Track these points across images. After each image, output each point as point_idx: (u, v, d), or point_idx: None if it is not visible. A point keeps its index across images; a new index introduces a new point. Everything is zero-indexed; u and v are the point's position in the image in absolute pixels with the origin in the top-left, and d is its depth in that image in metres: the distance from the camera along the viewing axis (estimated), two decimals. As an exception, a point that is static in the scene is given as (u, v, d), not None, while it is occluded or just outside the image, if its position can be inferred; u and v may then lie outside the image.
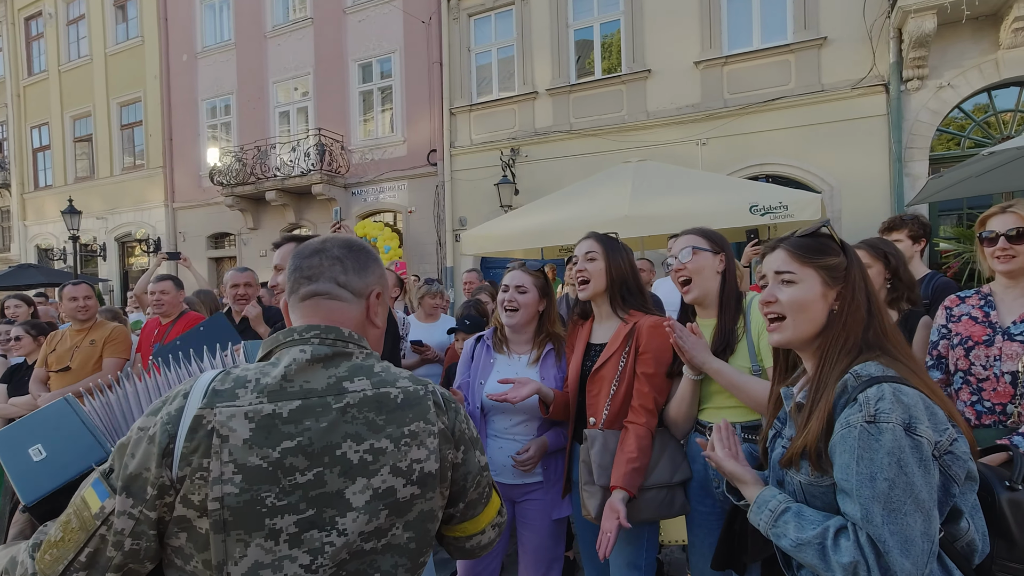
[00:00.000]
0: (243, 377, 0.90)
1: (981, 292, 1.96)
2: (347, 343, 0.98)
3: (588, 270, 2.03)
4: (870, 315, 1.17)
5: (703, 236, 1.91)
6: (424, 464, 0.95)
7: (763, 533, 1.16)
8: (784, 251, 1.24)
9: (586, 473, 1.86)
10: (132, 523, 0.83)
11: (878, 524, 0.95)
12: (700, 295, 1.88)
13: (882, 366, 1.09)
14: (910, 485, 0.96)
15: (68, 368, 3.51)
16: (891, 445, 0.97)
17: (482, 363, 2.29)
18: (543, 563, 2.14)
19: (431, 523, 0.98)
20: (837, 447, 1.05)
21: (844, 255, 1.22)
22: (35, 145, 16.47)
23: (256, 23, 12.58)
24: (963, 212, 7.28)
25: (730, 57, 8.31)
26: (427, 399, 0.99)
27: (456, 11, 10.34)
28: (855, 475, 1.00)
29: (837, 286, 1.19)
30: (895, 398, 1.00)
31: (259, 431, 0.86)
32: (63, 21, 15.52)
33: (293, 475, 0.86)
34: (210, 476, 0.82)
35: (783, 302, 1.22)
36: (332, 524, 0.87)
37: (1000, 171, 4.40)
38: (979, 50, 7.00)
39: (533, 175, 9.58)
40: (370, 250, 1.09)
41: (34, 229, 16.41)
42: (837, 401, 1.09)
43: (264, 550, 0.84)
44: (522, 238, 6.03)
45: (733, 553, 1.40)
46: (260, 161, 11.58)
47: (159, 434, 0.85)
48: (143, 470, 0.84)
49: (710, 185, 5.78)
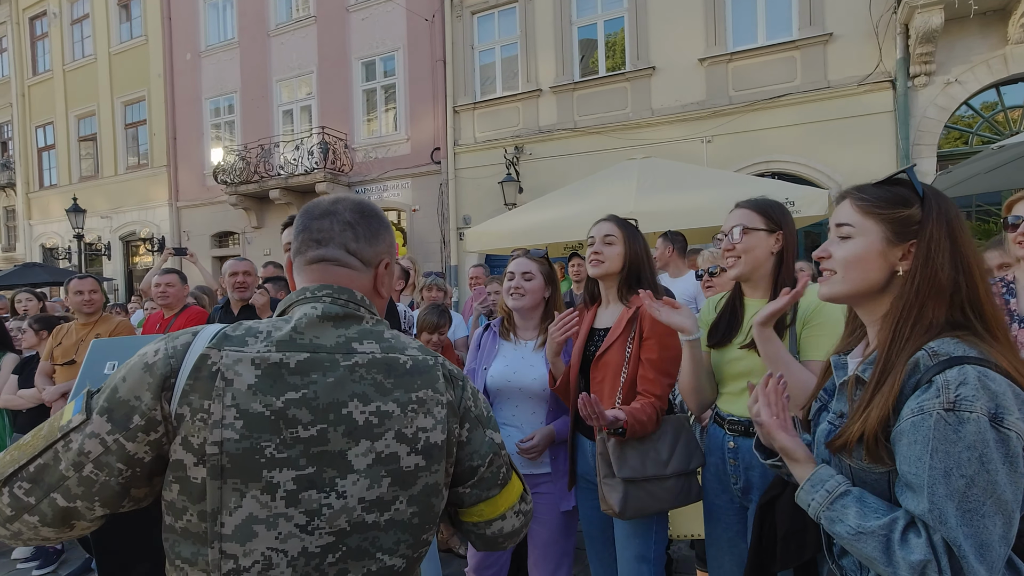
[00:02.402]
0: (255, 328, 0.88)
1: (1005, 280, 1.93)
2: (359, 306, 0.96)
3: (604, 252, 1.98)
4: (957, 284, 0.97)
5: (758, 212, 1.70)
6: (430, 434, 0.92)
7: (812, 515, 1.03)
8: (849, 200, 1.08)
9: (604, 466, 1.79)
10: (101, 449, 0.79)
11: (952, 526, 0.85)
12: (746, 271, 1.70)
13: (965, 344, 0.92)
14: (992, 484, 0.84)
15: (73, 362, 3.51)
16: (973, 438, 0.84)
17: (487, 349, 2.28)
18: (553, 558, 2.10)
19: (435, 498, 0.95)
20: (905, 435, 0.91)
21: (921, 207, 1.01)
22: (40, 144, 16.51)
23: (259, 22, 12.59)
24: (972, 209, 7.22)
25: (735, 54, 8.27)
26: (436, 369, 0.97)
27: (459, 9, 10.33)
28: (927, 469, 0.87)
29: (905, 243, 1.01)
30: (980, 383, 0.86)
31: (264, 378, 0.83)
32: (67, 20, 15.56)
33: (295, 428, 0.83)
34: (211, 419, 0.80)
35: (836, 258, 1.06)
36: (332, 485, 0.85)
37: (1009, 167, 4.36)
38: (987, 45, 6.94)
39: (537, 173, 9.56)
40: (381, 215, 1.06)
41: (39, 228, 16.46)
42: (907, 381, 0.93)
43: (260, 503, 0.81)
44: (526, 235, 6.01)
45: (763, 563, 1.30)
46: (264, 160, 11.58)
47: (160, 364, 0.82)
48: (132, 398, 0.81)
49: (716, 181, 5.75)
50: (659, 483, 1.77)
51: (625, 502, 1.72)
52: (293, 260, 1.03)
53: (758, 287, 1.73)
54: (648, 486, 1.76)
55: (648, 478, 1.75)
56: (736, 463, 1.72)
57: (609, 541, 2.02)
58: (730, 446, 1.73)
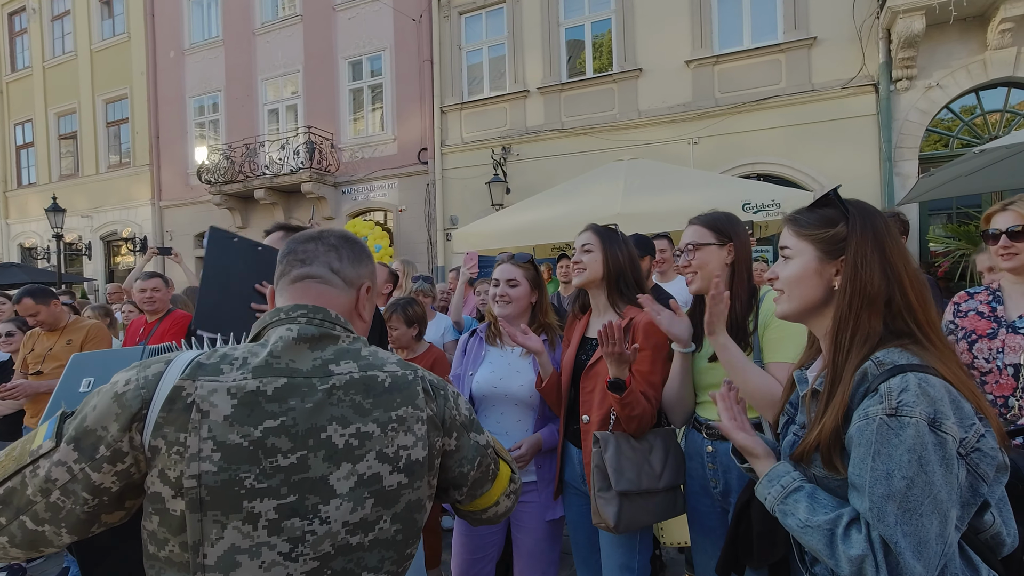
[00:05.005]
0: (230, 355, 0.87)
1: (991, 288, 1.97)
2: (334, 325, 0.95)
3: (583, 261, 1.99)
4: (890, 294, 1.02)
5: (707, 227, 1.77)
6: (412, 451, 0.92)
7: (769, 509, 1.10)
8: (787, 225, 1.18)
9: (600, 479, 1.75)
10: (68, 477, 0.78)
11: (891, 524, 0.89)
12: (704, 285, 1.75)
13: (908, 353, 0.98)
14: (930, 485, 0.89)
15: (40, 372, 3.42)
16: (913, 441, 0.89)
17: (474, 355, 2.26)
18: (539, 567, 2.09)
19: (419, 513, 0.95)
20: (853, 439, 0.97)
21: (847, 225, 1.08)
22: (18, 142, 16.18)
23: (245, 20, 12.45)
24: (952, 211, 7.34)
25: (721, 56, 8.33)
26: (416, 384, 0.96)
27: (447, 9, 10.29)
28: (869, 471, 0.92)
29: (837, 259, 1.08)
30: (920, 390, 0.91)
31: (241, 408, 0.82)
32: (47, 16, 15.27)
33: (274, 457, 0.82)
34: (187, 452, 0.78)
35: (781, 279, 1.16)
36: (315, 512, 0.83)
37: (989, 170, 4.43)
38: (967, 51, 7.06)
39: (524, 174, 9.55)
40: (364, 246, 1.10)
41: (17, 228, 16.13)
42: (856, 390, 0.99)
43: (242, 534, 0.80)
44: (514, 236, 6.00)
45: (738, 557, 1.34)
46: (249, 159, 11.45)
47: (130, 396, 0.81)
48: (99, 427, 0.79)
49: (703, 183, 5.79)
50: (651, 497, 1.76)
51: (620, 516, 1.71)
52: (276, 284, 1.02)
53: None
54: (641, 500, 1.76)
55: (642, 492, 1.75)
56: (715, 467, 1.75)
57: (595, 548, 2.01)
58: (708, 450, 1.76)
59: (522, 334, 1.96)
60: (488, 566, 2.17)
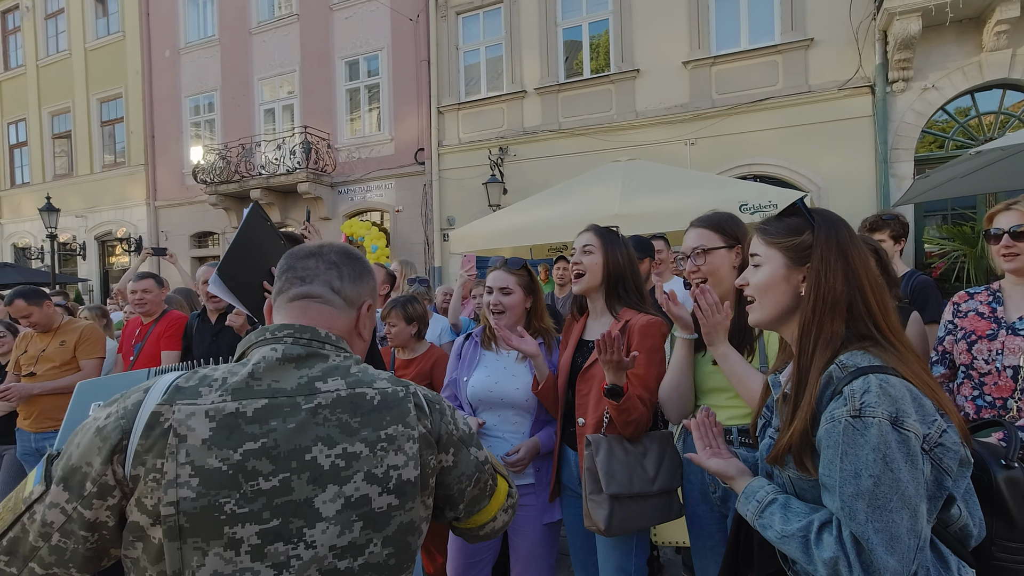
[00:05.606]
0: (210, 376, 0.85)
1: (991, 288, 1.96)
2: (323, 344, 0.92)
3: (584, 263, 1.97)
4: (852, 299, 1.07)
5: (714, 230, 1.73)
6: (402, 471, 0.89)
7: (751, 524, 1.13)
8: (757, 234, 1.21)
9: (591, 482, 1.74)
10: (63, 518, 0.77)
11: (861, 521, 0.92)
12: (723, 293, 1.70)
13: (870, 355, 1.01)
14: (896, 481, 0.91)
15: (33, 374, 3.39)
16: (877, 440, 0.92)
17: (468, 359, 2.23)
18: (536, 570, 2.07)
19: (412, 536, 0.91)
20: (823, 441, 1.00)
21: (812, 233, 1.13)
22: (11, 141, 16.07)
23: (241, 19, 12.40)
24: (948, 213, 7.36)
25: (718, 57, 8.34)
26: (407, 401, 0.93)
27: (444, 9, 10.27)
28: (838, 471, 0.95)
29: (803, 266, 1.12)
30: (881, 390, 0.94)
31: (220, 431, 0.80)
32: (41, 15, 15.17)
33: (255, 480, 0.79)
34: (164, 479, 0.76)
35: (752, 286, 1.19)
36: (299, 536, 0.81)
37: (985, 172, 4.44)
38: (963, 52, 7.08)
39: (522, 174, 9.54)
40: (366, 261, 1.07)
41: (10, 228, 16.02)
42: (823, 393, 1.02)
43: (224, 560, 0.78)
44: (511, 236, 5.98)
45: (739, 566, 1.33)
46: (245, 159, 11.40)
47: (110, 428, 0.79)
48: (84, 464, 0.78)
49: (700, 184, 5.78)
50: (644, 500, 1.75)
51: (610, 519, 1.70)
52: (274, 301, 1.00)
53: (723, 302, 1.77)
54: (633, 504, 1.74)
55: (634, 495, 1.73)
56: None
57: (593, 550, 2.00)
58: None
59: (517, 338, 1.95)
60: (484, 570, 2.15)
